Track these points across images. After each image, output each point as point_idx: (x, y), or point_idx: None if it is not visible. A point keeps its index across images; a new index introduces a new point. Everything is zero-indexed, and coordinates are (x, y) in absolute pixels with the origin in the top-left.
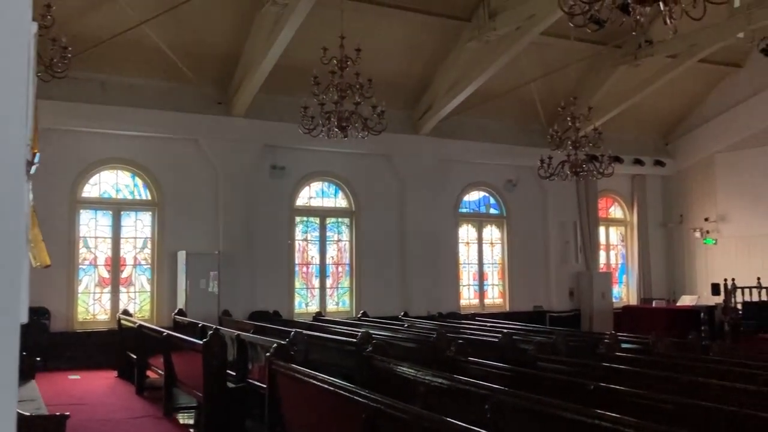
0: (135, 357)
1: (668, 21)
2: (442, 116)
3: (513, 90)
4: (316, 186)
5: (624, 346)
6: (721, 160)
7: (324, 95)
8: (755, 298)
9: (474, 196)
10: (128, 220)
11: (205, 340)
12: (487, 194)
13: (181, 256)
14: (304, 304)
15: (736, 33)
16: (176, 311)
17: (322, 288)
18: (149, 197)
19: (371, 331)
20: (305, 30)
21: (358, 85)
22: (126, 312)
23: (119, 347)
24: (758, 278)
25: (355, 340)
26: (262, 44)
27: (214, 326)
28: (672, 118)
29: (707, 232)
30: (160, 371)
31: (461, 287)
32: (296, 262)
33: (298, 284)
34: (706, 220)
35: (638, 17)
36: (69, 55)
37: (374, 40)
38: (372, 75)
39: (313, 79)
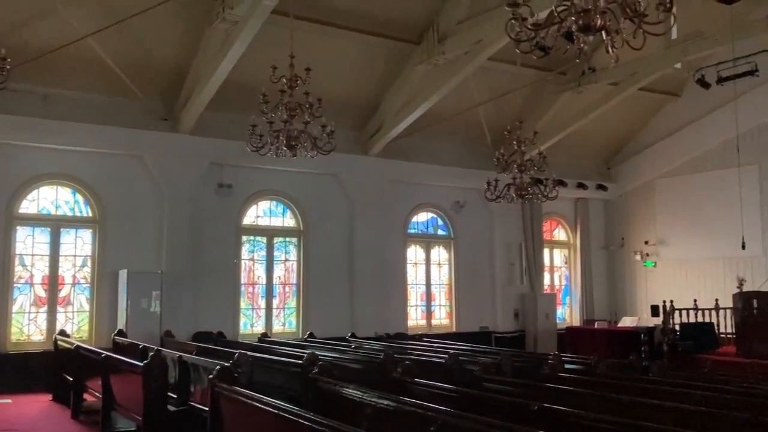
0: (71, 379)
1: (610, 50)
2: (391, 137)
3: (461, 113)
4: (263, 205)
5: (567, 366)
6: (660, 185)
7: (273, 114)
8: (692, 320)
9: (422, 217)
10: (68, 237)
11: (145, 361)
12: (435, 215)
13: (123, 275)
14: (250, 324)
15: (674, 63)
16: (116, 332)
17: (269, 308)
18: (90, 214)
19: (317, 353)
20: (255, 48)
21: (307, 104)
22: (63, 332)
23: (55, 369)
24: (695, 300)
25: (300, 361)
26: (210, 61)
27: (156, 347)
28: (614, 144)
29: (647, 255)
30: (97, 394)
31: (409, 308)
32: (242, 281)
33: (243, 304)
34: (646, 243)
35: (582, 45)
36: (8, 67)
37: (325, 60)
38: (322, 95)
39: (262, 97)
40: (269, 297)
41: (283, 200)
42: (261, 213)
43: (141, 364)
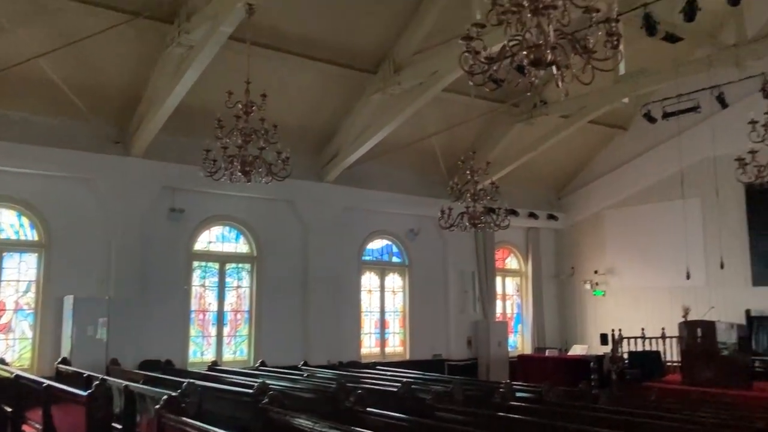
0: (9, 410)
1: (560, 84)
2: (347, 164)
3: (416, 142)
4: (216, 230)
5: (518, 395)
6: (609, 215)
7: (227, 139)
8: (640, 348)
9: (377, 244)
10: (11, 261)
11: (89, 391)
12: (390, 242)
13: (68, 301)
14: (200, 352)
15: (622, 98)
16: (60, 360)
17: (219, 336)
18: (36, 238)
19: (269, 382)
20: (210, 72)
21: (263, 130)
22: (2, 361)
23: None
24: (642, 329)
25: (251, 391)
26: (165, 84)
27: (101, 376)
28: (564, 175)
29: (596, 284)
30: (37, 426)
31: (363, 335)
32: (192, 308)
33: (193, 332)
34: (596, 272)
35: (533, 79)
36: None
37: (281, 87)
38: (278, 121)
39: (217, 122)
40: (220, 324)
41: (236, 226)
42: (213, 238)
43: (84, 393)
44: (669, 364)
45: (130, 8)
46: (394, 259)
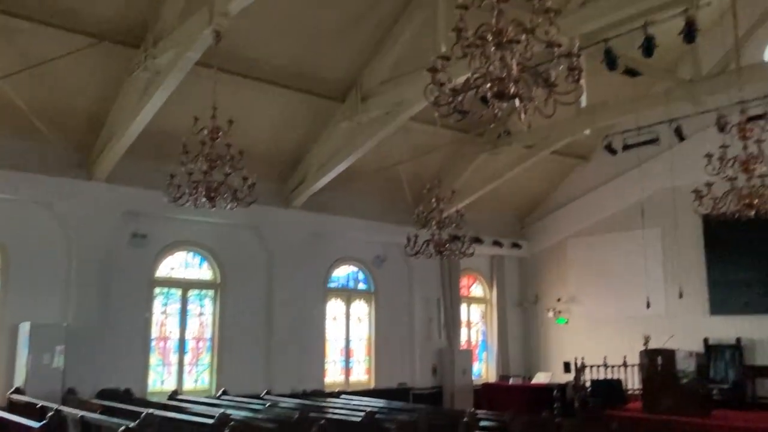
0: None
1: (522, 116)
2: (314, 191)
3: (383, 169)
4: (179, 256)
5: (482, 423)
6: (572, 244)
7: (193, 164)
8: (602, 376)
9: (343, 271)
10: None
11: (43, 422)
12: (356, 269)
13: (24, 327)
14: (160, 381)
15: (584, 130)
16: (12, 389)
17: (180, 364)
18: None
19: (230, 411)
20: (177, 97)
21: (229, 156)
22: None
23: None
24: (604, 357)
25: (211, 421)
26: (130, 109)
27: (56, 406)
28: (528, 204)
29: (559, 312)
30: None
31: (327, 363)
32: (153, 336)
33: (153, 360)
34: (559, 300)
35: (497, 111)
36: None
37: (248, 113)
38: (245, 147)
39: (183, 147)
40: (181, 352)
41: (200, 251)
42: (176, 264)
43: (38, 425)
44: (630, 392)
45: (95, 32)
46: (360, 286)
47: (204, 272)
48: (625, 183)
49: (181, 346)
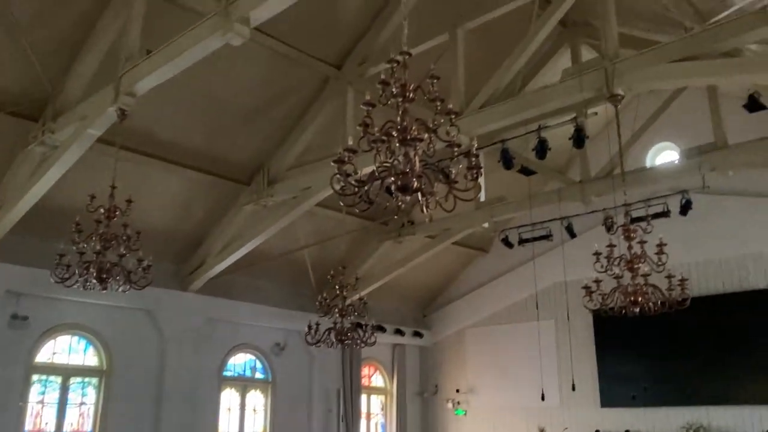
0: None
1: (425, 210)
2: (213, 274)
3: (287, 253)
4: (63, 340)
5: None
6: (470, 334)
7: (85, 244)
8: None
9: (240, 358)
10: None
11: None
12: (253, 357)
13: None
14: None
15: (482, 223)
16: None
17: None
18: None
19: None
20: (73, 172)
21: (124, 236)
22: None
23: None
24: None
25: None
26: (21, 184)
27: None
28: (429, 293)
29: (458, 403)
30: None
31: None
32: (26, 428)
33: None
34: (458, 391)
35: (400, 203)
36: None
37: (150, 192)
38: (144, 226)
39: (75, 225)
40: None
41: (86, 335)
42: (59, 349)
43: None
44: None
45: None
46: (258, 375)
47: (89, 358)
48: (520, 275)
49: None
